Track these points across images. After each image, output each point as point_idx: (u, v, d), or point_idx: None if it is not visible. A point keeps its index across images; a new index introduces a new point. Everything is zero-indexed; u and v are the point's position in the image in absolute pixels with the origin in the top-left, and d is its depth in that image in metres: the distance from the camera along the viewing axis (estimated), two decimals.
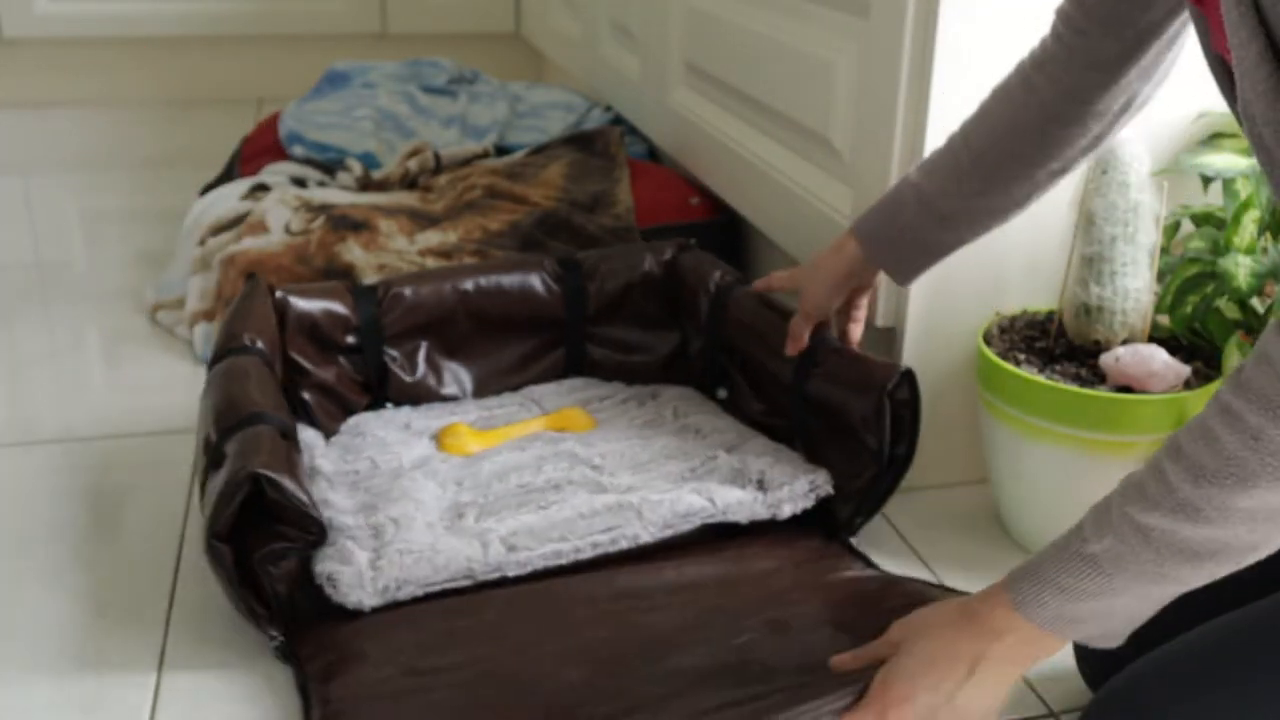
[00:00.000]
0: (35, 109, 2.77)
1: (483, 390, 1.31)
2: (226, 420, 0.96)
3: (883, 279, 1.10)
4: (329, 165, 1.92)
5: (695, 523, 1.03)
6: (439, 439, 1.19)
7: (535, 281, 1.31)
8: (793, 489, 1.05)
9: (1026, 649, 0.73)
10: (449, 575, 0.96)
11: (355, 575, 0.93)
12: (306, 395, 1.21)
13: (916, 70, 1.09)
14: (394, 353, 1.27)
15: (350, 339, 1.24)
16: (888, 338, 1.20)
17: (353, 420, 1.23)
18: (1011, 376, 1.02)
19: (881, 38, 1.13)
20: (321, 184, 1.84)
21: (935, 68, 1.06)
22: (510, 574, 0.98)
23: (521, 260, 1.35)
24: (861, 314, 1.12)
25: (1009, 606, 0.72)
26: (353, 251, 1.53)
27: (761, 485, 1.07)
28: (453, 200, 1.71)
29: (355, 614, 0.94)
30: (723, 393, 1.28)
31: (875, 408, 1.02)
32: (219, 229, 1.65)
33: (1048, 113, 0.90)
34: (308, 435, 1.16)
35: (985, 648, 0.73)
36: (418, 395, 1.28)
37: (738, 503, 1.04)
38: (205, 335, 1.49)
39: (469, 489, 1.09)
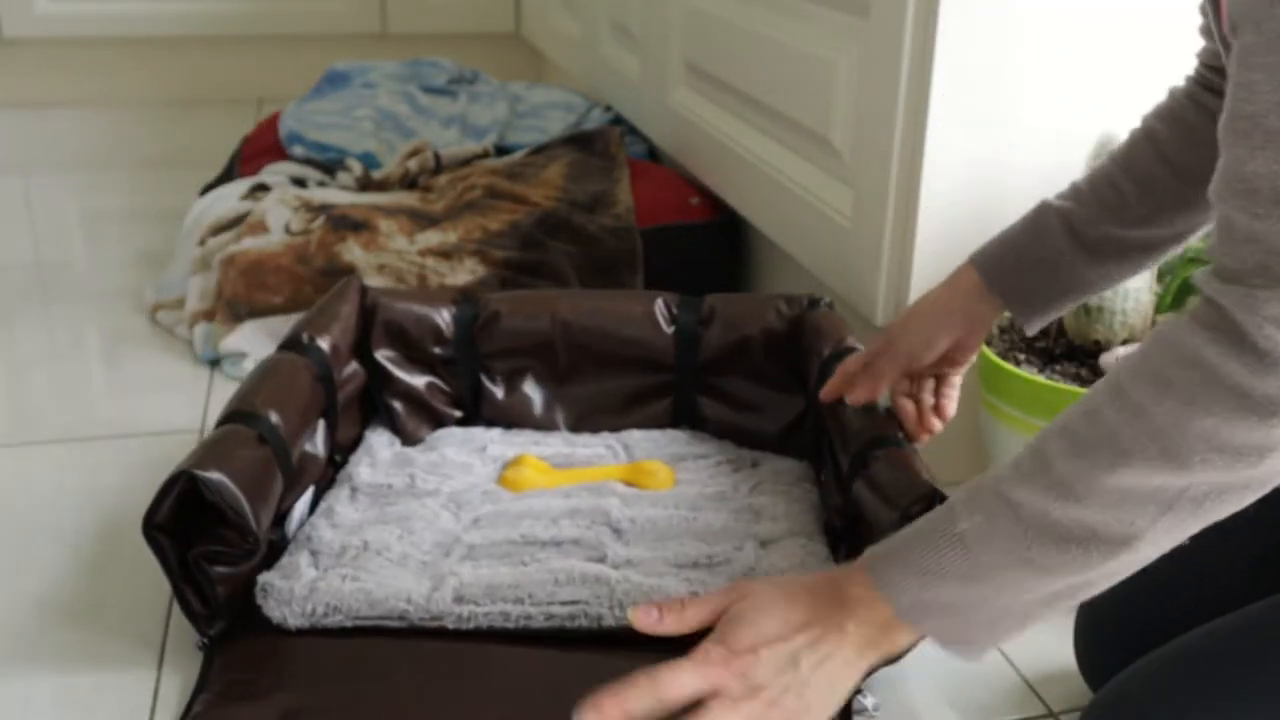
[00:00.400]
0: (35, 109, 2.77)
1: (581, 425, 1.23)
2: (223, 414, 0.97)
3: (893, 274, 1.10)
4: (329, 165, 1.92)
5: None
6: (504, 469, 1.14)
7: (646, 317, 1.20)
8: None
9: (875, 634, 0.67)
10: (382, 612, 0.90)
11: (288, 592, 0.91)
12: (393, 401, 1.20)
13: (916, 70, 1.09)
14: (492, 371, 1.22)
15: (443, 350, 1.20)
16: None
17: (438, 433, 1.20)
18: (1012, 376, 1.02)
19: (881, 38, 1.13)
20: (321, 184, 1.84)
21: (935, 68, 1.06)
22: (449, 625, 0.90)
23: (633, 294, 1.25)
24: (956, 389, 0.95)
25: (867, 586, 0.67)
26: (353, 251, 1.53)
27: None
28: (453, 200, 1.71)
29: (283, 631, 0.91)
30: (824, 475, 1.13)
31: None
32: (219, 229, 1.65)
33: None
34: (379, 439, 1.16)
35: (838, 618, 0.68)
36: (511, 418, 1.22)
37: None
38: (205, 335, 1.49)
39: (480, 528, 1.03)
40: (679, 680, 0.67)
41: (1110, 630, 0.86)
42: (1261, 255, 0.56)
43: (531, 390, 1.23)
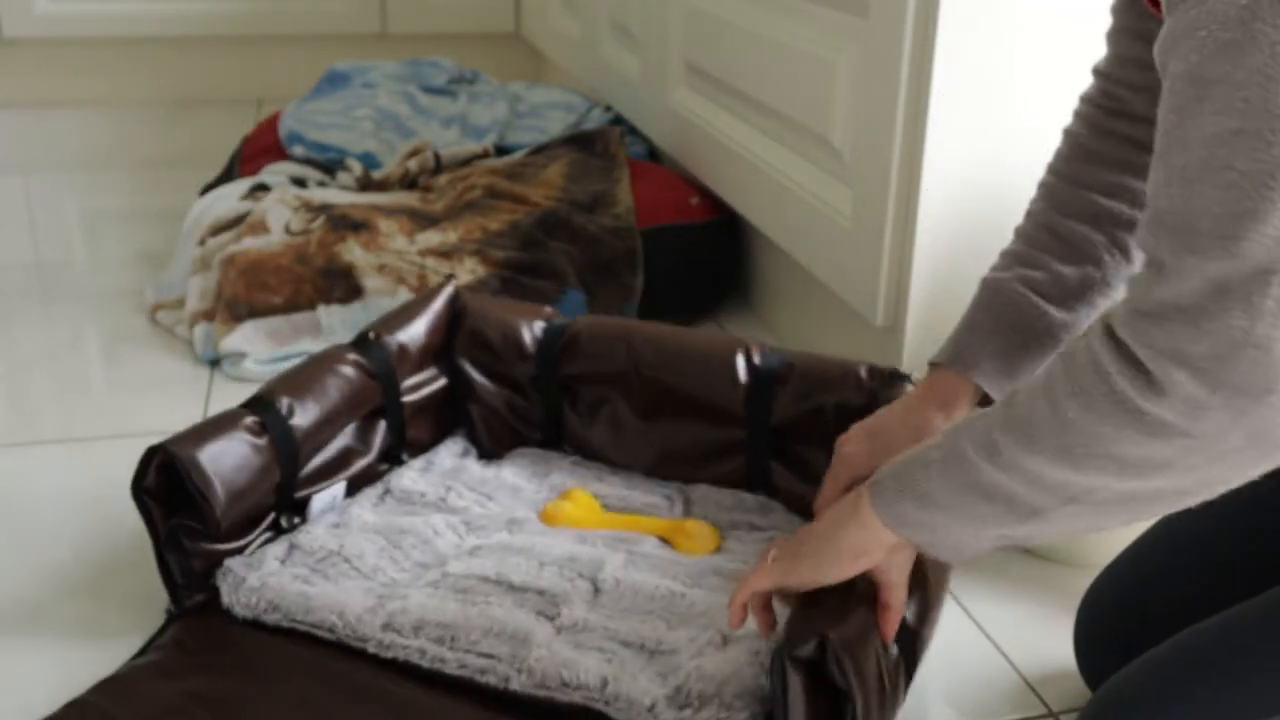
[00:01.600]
0: (35, 109, 2.77)
1: (657, 469, 1.15)
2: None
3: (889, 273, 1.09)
4: (329, 165, 1.92)
5: (573, 697, 0.84)
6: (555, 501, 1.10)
7: (722, 364, 1.10)
8: (696, 715, 0.81)
9: (866, 532, 0.74)
10: (314, 621, 0.92)
11: (241, 580, 0.94)
12: (473, 412, 1.19)
13: (916, 70, 1.09)
14: (576, 396, 1.17)
15: (527, 368, 1.16)
16: (888, 338, 1.20)
17: (515, 450, 1.18)
18: None
19: (881, 38, 1.13)
20: (321, 184, 1.84)
21: (935, 68, 1.06)
22: (370, 650, 0.90)
23: (716, 337, 1.17)
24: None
25: (867, 494, 0.74)
26: (353, 251, 1.53)
27: (681, 693, 0.83)
28: (453, 200, 1.71)
29: (234, 618, 0.94)
30: None
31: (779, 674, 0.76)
32: (219, 229, 1.65)
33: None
34: (450, 448, 1.17)
35: (846, 521, 0.76)
36: (589, 449, 1.18)
37: (629, 702, 0.83)
38: (205, 335, 1.49)
39: (473, 557, 1.00)
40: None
41: (1109, 630, 0.86)
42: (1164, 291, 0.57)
43: (611, 423, 1.16)
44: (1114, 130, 0.84)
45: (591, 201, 1.69)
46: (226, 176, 1.96)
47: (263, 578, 0.95)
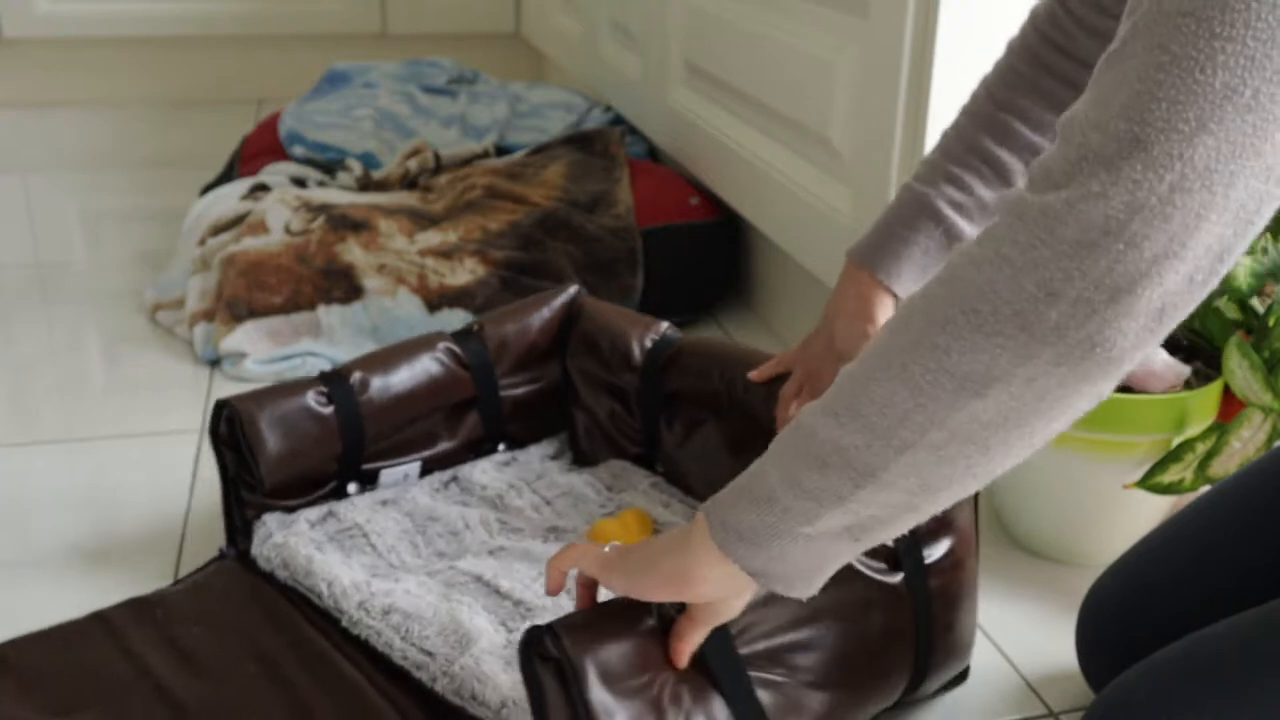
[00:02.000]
0: (35, 109, 2.77)
1: None
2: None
3: None
4: (329, 165, 1.92)
5: (479, 712, 0.83)
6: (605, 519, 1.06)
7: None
8: None
9: (690, 559, 0.66)
10: (308, 585, 0.95)
11: (267, 535, 1.01)
12: (576, 415, 1.19)
13: (916, 70, 1.09)
14: (674, 414, 1.11)
15: (631, 379, 1.12)
16: None
17: (606, 463, 1.15)
18: None
19: (881, 38, 1.13)
20: (321, 184, 1.84)
21: (935, 68, 1.06)
22: (343, 623, 0.92)
23: None
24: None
25: (705, 507, 0.67)
26: (353, 251, 1.53)
27: None
28: (453, 200, 1.71)
29: (256, 569, 1.01)
30: None
31: None
32: (219, 229, 1.65)
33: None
34: (546, 449, 1.17)
35: (678, 538, 0.68)
36: (678, 471, 1.12)
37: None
38: (205, 335, 1.49)
39: (488, 557, 1.00)
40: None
41: (1112, 631, 0.86)
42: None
43: (701, 447, 1.10)
44: (1054, 68, 0.83)
45: (591, 201, 1.69)
46: (226, 176, 1.96)
47: (285, 536, 0.99)
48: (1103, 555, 1.04)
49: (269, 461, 1.00)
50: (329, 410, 1.03)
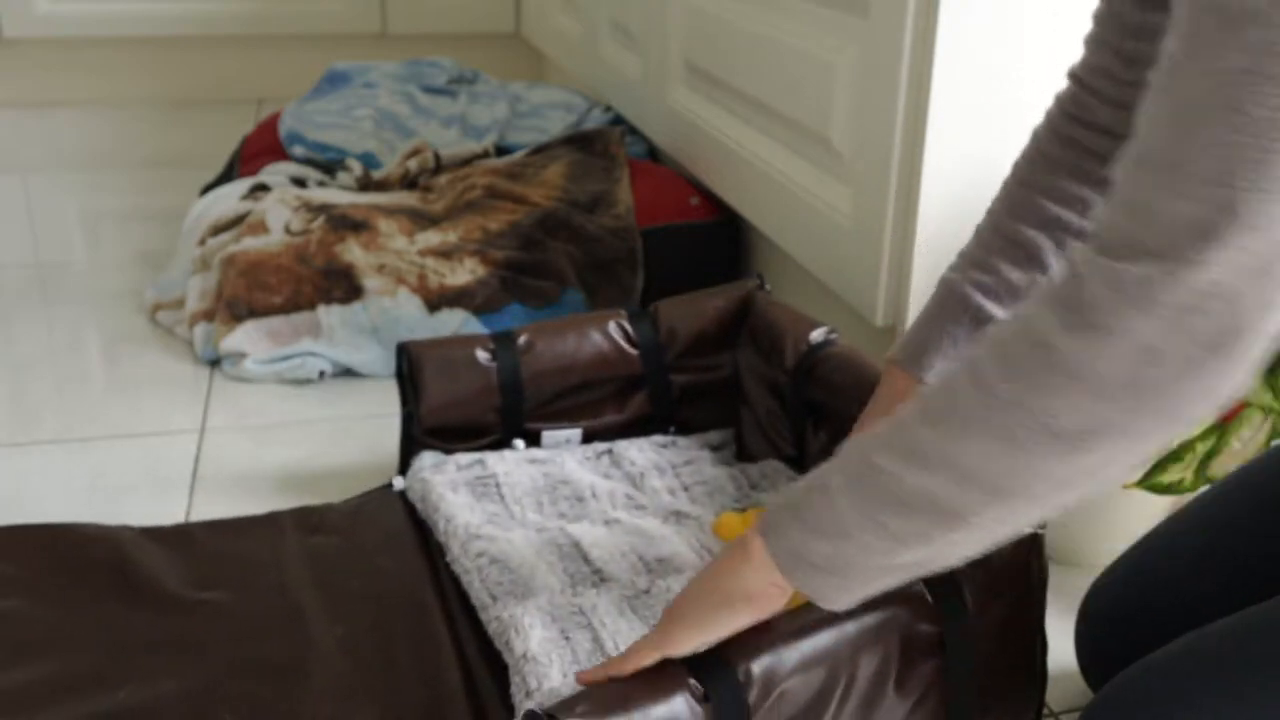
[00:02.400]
0: (35, 109, 2.77)
1: None
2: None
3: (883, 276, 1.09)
4: (329, 165, 1.92)
5: (509, 662, 0.88)
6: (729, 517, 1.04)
7: None
8: None
9: (760, 575, 0.68)
10: (431, 520, 1.05)
11: (419, 469, 1.11)
12: (741, 410, 1.18)
13: (916, 70, 1.09)
14: (820, 417, 1.10)
15: (784, 380, 1.11)
16: (887, 338, 1.20)
17: (762, 461, 1.15)
18: None
19: (881, 38, 1.13)
20: (321, 184, 1.84)
21: (935, 68, 1.06)
22: (447, 558, 1.00)
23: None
24: None
25: (759, 531, 0.69)
26: (353, 251, 1.53)
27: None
28: (453, 200, 1.71)
29: (400, 496, 1.11)
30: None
31: None
32: (219, 229, 1.65)
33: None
34: (707, 439, 1.19)
35: (736, 565, 0.70)
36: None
37: (539, 682, 0.84)
38: (205, 335, 1.49)
39: (598, 527, 1.02)
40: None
41: (1111, 630, 0.86)
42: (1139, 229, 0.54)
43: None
44: (1075, 138, 0.83)
45: (591, 201, 1.69)
46: (226, 176, 1.96)
47: (432, 473, 1.09)
48: (1103, 555, 1.03)
49: (429, 402, 1.10)
50: (494, 365, 1.11)
